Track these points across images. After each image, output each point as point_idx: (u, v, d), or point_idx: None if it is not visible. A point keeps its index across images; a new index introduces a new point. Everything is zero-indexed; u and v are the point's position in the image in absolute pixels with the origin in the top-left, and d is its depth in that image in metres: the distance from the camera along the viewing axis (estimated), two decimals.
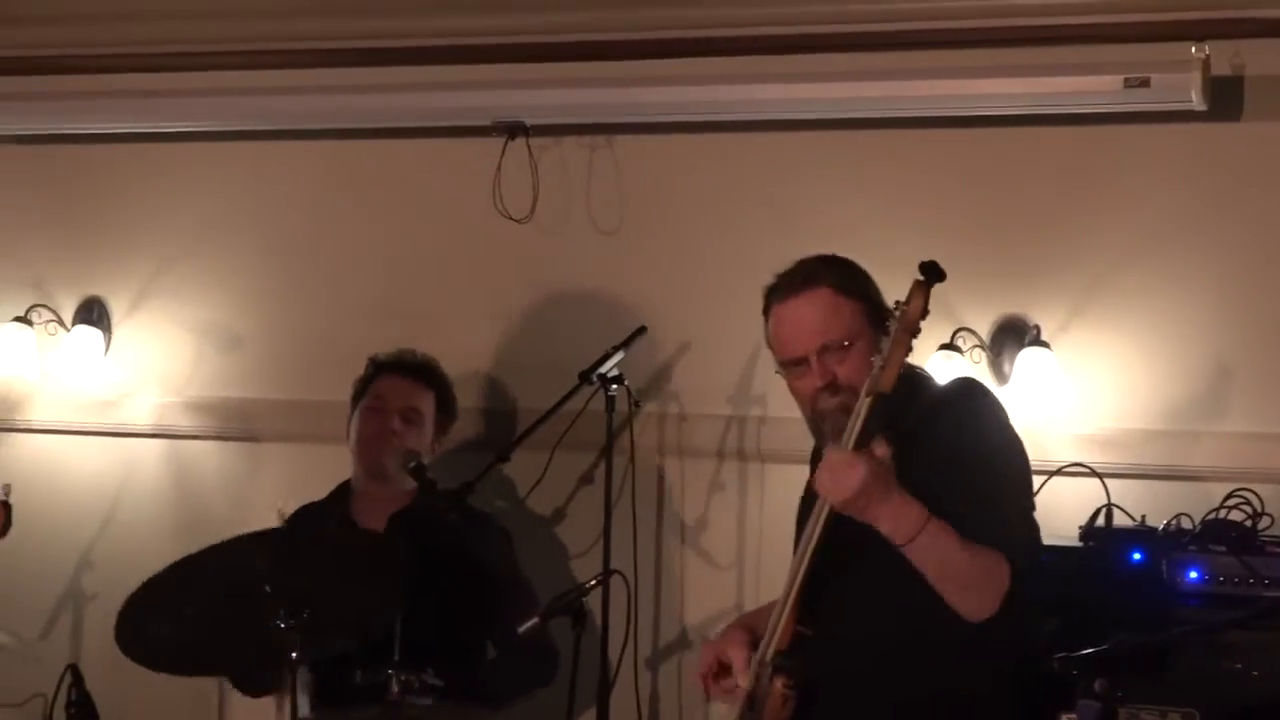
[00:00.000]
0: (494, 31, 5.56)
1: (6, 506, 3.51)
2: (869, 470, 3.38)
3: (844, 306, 3.65)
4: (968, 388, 3.80)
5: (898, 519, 3.40)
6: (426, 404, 5.10)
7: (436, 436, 5.14)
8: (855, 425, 3.43)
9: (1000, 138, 5.27)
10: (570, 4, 5.47)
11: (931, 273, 3.42)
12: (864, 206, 5.22)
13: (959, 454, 3.53)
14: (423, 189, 5.75)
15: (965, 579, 3.43)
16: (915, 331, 3.40)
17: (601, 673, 4.88)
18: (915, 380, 3.70)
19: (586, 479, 5.51)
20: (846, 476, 3.39)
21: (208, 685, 5.72)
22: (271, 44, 5.76)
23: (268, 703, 5.06)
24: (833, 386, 3.60)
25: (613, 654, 4.94)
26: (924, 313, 3.41)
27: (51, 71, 5.96)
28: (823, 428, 3.66)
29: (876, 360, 3.43)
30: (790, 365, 3.70)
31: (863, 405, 3.42)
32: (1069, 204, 5.21)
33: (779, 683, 3.52)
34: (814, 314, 3.65)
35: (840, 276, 3.69)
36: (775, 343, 3.77)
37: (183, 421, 5.96)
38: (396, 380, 5.11)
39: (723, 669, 3.74)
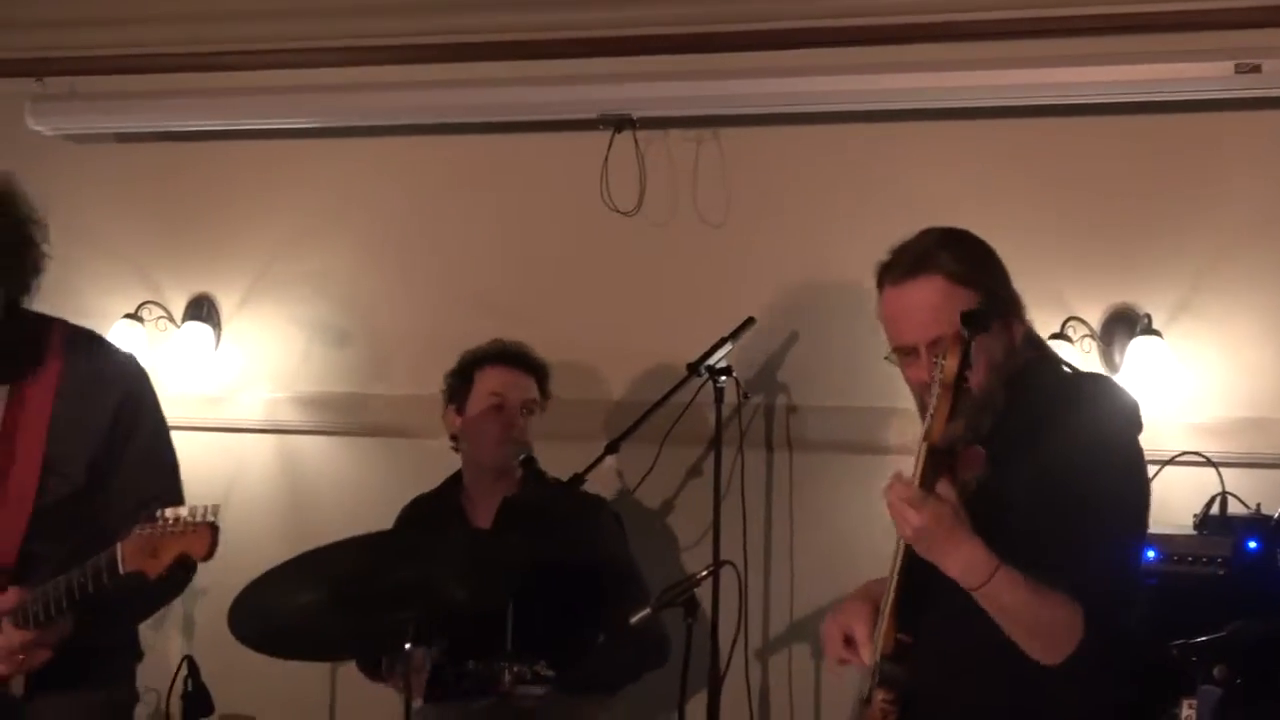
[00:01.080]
0: (601, 25, 5.60)
1: (213, 529, 3.55)
2: (929, 519, 3.28)
3: (957, 296, 3.46)
4: (1094, 392, 3.61)
5: (963, 566, 3.31)
6: (536, 392, 5.14)
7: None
8: (916, 470, 3.33)
9: (1108, 126, 5.28)
10: None
11: (972, 323, 3.31)
12: (970, 196, 5.23)
13: (1064, 477, 3.37)
14: (530, 183, 5.81)
15: (1033, 628, 3.33)
16: (956, 386, 3.29)
17: (712, 664, 4.89)
18: (1037, 370, 3.59)
19: (695, 471, 5.55)
20: (905, 519, 3.31)
21: (318, 675, 5.80)
22: (379, 40, 5.84)
23: (376, 692, 5.14)
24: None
25: (723, 645, 4.97)
26: (964, 366, 3.27)
27: (159, 70, 6.06)
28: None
29: (930, 403, 3.32)
30: (901, 352, 3.59)
31: (920, 451, 3.33)
32: (1178, 191, 5.21)
33: (880, 695, 3.51)
34: (926, 304, 3.49)
35: (957, 261, 3.51)
36: (886, 324, 3.63)
37: (291, 416, 6.05)
38: (508, 374, 5.11)
39: (849, 641, 3.70)
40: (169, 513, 3.58)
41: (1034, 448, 3.41)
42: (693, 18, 5.54)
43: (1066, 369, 3.75)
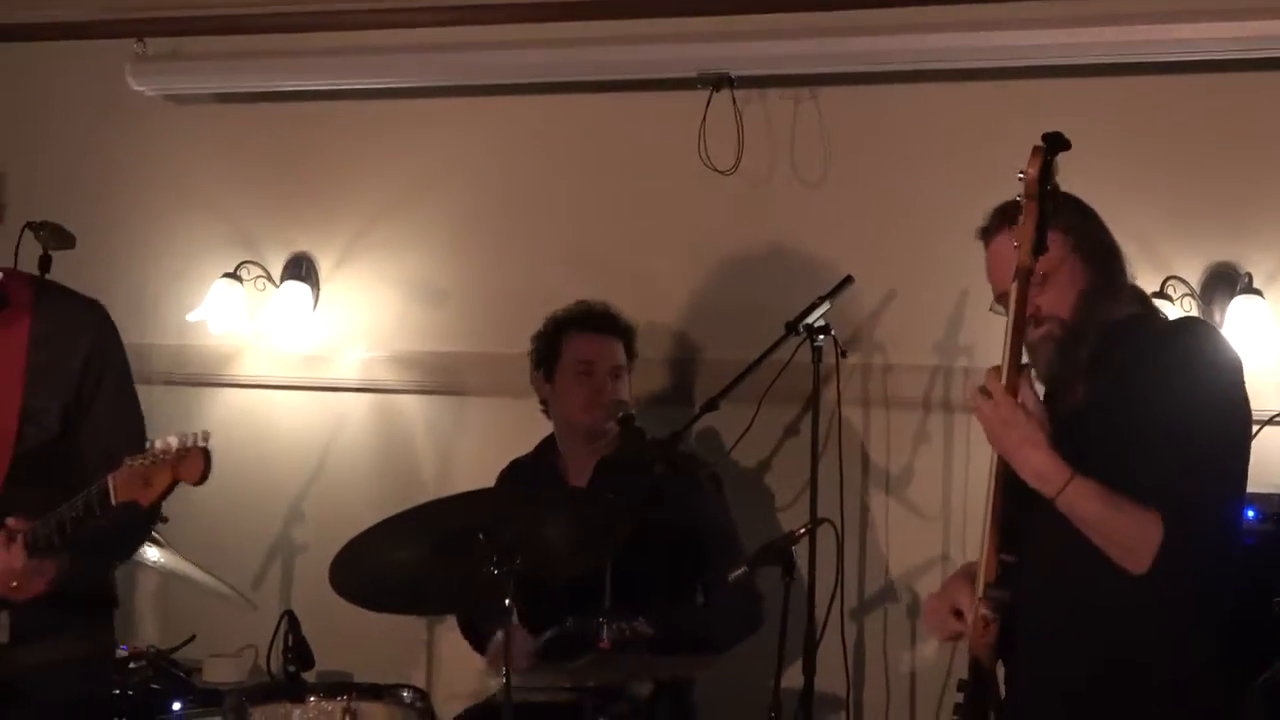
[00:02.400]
0: None
1: (205, 453, 3.65)
2: (1005, 416, 3.44)
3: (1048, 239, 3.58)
4: (1187, 327, 3.82)
5: (1036, 470, 3.44)
6: (623, 356, 5.19)
7: (629, 378, 5.23)
8: (1008, 326, 3.47)
9: (1208, 84, 5.29)
10: None
11: (1053, 141, 3.48)
12: (1071, 155, 5.18)
13: (1152, 397, 3.50)
14: (627, 142, 5.86)
15: (1111, 537, 3.43)
16: (1036, 196, 3.45)
17: (808, 623, 4.94)
18: (1140, 321, 3.69)
19: (792, 430, 5.59)
20: (982, 411, 3.47)
21: (417, 631, 5.91)
22: (477, 0, 5.88)
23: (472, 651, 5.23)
24: (1035, 318, 3.59)
25: (819, 604, 5.01)
26: (1043, 177, 3.45)
27: (259, 30, 6.13)
28: (1034, 360, 3.66)
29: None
30: (1001, 301, 3.70)
31: (1011, 290, 3.47)
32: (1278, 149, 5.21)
33: (981, 608, 3.58)
34: (1012, 249, 3.59)
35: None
36: (988, 276, 3.80)
37: (389, 375, 6.13)
38: (595, 340, 5.18)
39: (955, 616, 3.76)
40: (159, 443, 3.69)
41: (1127, 379, 3.54)
42: None
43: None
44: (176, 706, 5.42)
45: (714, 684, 5.08)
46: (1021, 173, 3.46)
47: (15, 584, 3.81)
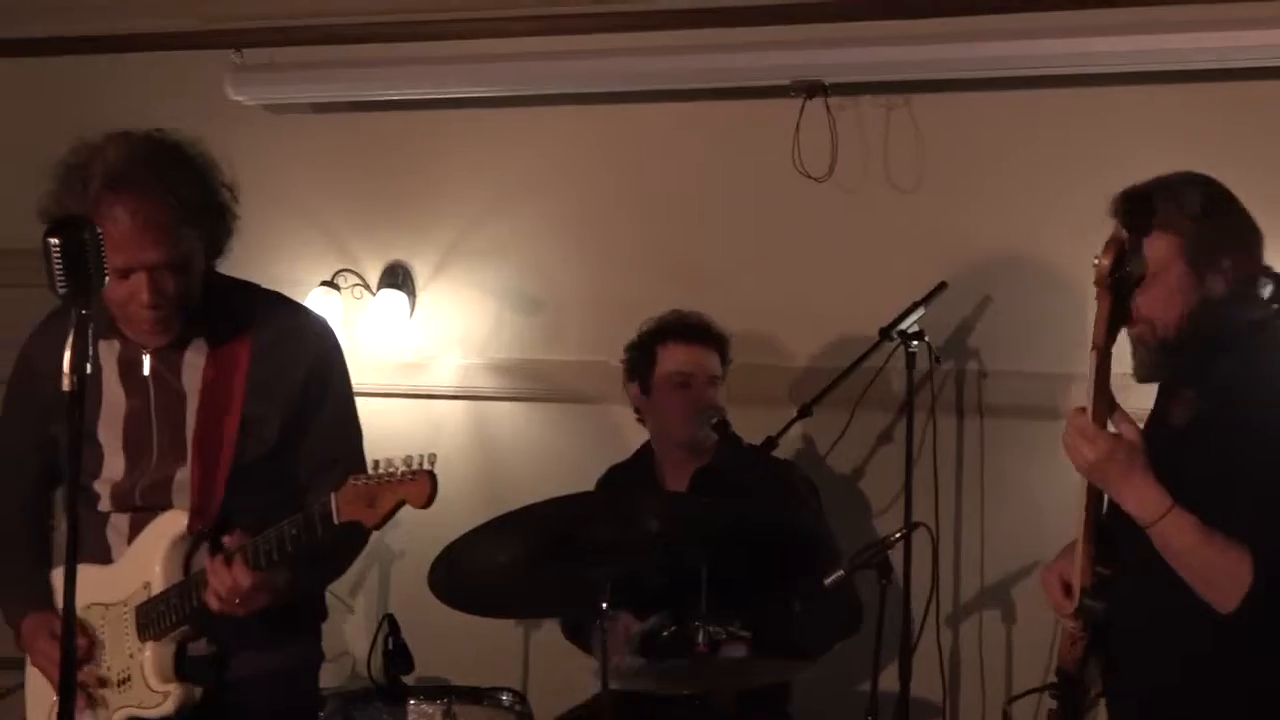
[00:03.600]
0: None
1: (432, 476, 3.68)
2: (1102, 453, 3.39)
3: (1154, 240, 3.50)
4: None
5: (1136, 502, 3.40)
6: (716, 364, 5.25)
7: (724, 385, 5.28)
8: (1090, 385, 3.39)
9: None
10: None
11: (1133, 214, 3.39)
12: (1173, 163, 5.23)
13: (1256, 424, 3.42)
14: (721, 150, 5.93)
15: (1201, 574, 3.39)
16: (1109, 287, 3.31)
17: (905, 626, 5.02)
18: (1261, 327, 3.59)
19: (886, 437, 5.66)
20: (1079, 451, 3.42)
21: (513, 634, 6.00)
22: (572, 8, 5.98)
23: (569, 656, 5.30)
24: (1133, 317, 3.47)
25: (916, 608, 5.06)
26: (1116, 267, 3.30)
27: (356, 40, 6.24)
28: (1133, 360, 3.63)
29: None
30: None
31: (1090, 363, 3.39)
32: None
33: (1069, 623, 3.59)
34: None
35: (1164, 210, 3.55)
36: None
37: (484, 383, 6.22)
38: (691, 351, 5.23)
39: (1066, 589, 3.76)
40: (384, 463, 3.72)
41: (1238, 400, 3.47)
42: None
43: None
44: None
45: (809, 689, 5.15)
46: (1096, 259, 3.33)
47: (238, 601, 3.83)
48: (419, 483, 3.70)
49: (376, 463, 3.74)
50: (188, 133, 4.04)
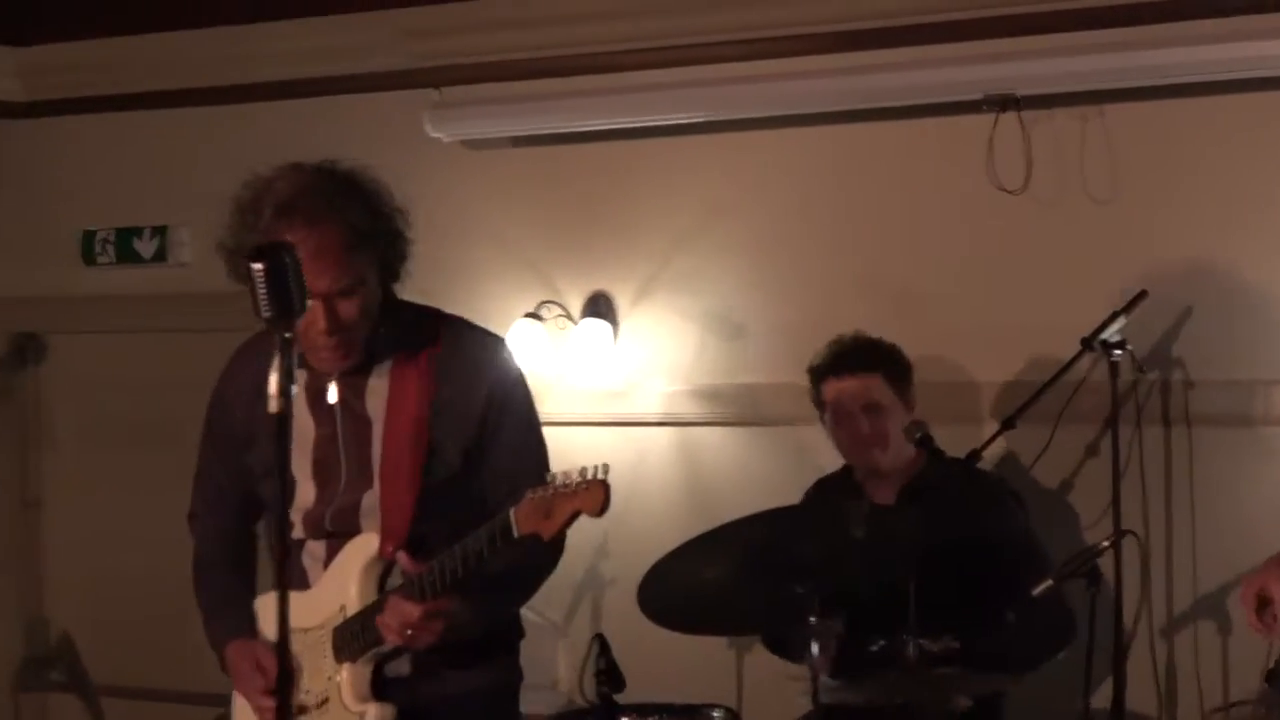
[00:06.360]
0: (982, 4, 5.77)
1: (605, 485, 3.81)
2: None
3: None
4: None
5: None
6: (878, 389, 5.37)
7: (906, 401, 5.40)
8: None
9: None
10: None
11: None
12: None
13: None
14: (915, 167, 6.03)
15: None
16: None
17: (1117, 636, 5.09)
18: None
19: (1092, 449, 5.71)
20: None
21: (724, 653, 6.14)
22: (763, 32, 6.10)
23: (780, 672, 5.43)
24: None
25: (1127, 618, 5.13)
26: None
27: (552, 74, 6.42)
28: None
29: None
30: None
31: None
32: None
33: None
34: None
35: None
36: None
37: (689, 409, 6.37)
38: (843, 384, 5.40)
39: (1262, 602, 3.79)
40: (560, 475, 3.79)
41: None
42: None
43: None
44: None
45: (1023, 700, 5.23)
46: None
47: (410, 633, 3.95)
48: (592, 491, 3.74)
49: (553, 475, 3.80)
50: (364, 163, 4.19)
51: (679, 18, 6.20)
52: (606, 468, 3.76)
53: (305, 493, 4.21)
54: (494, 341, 4.35)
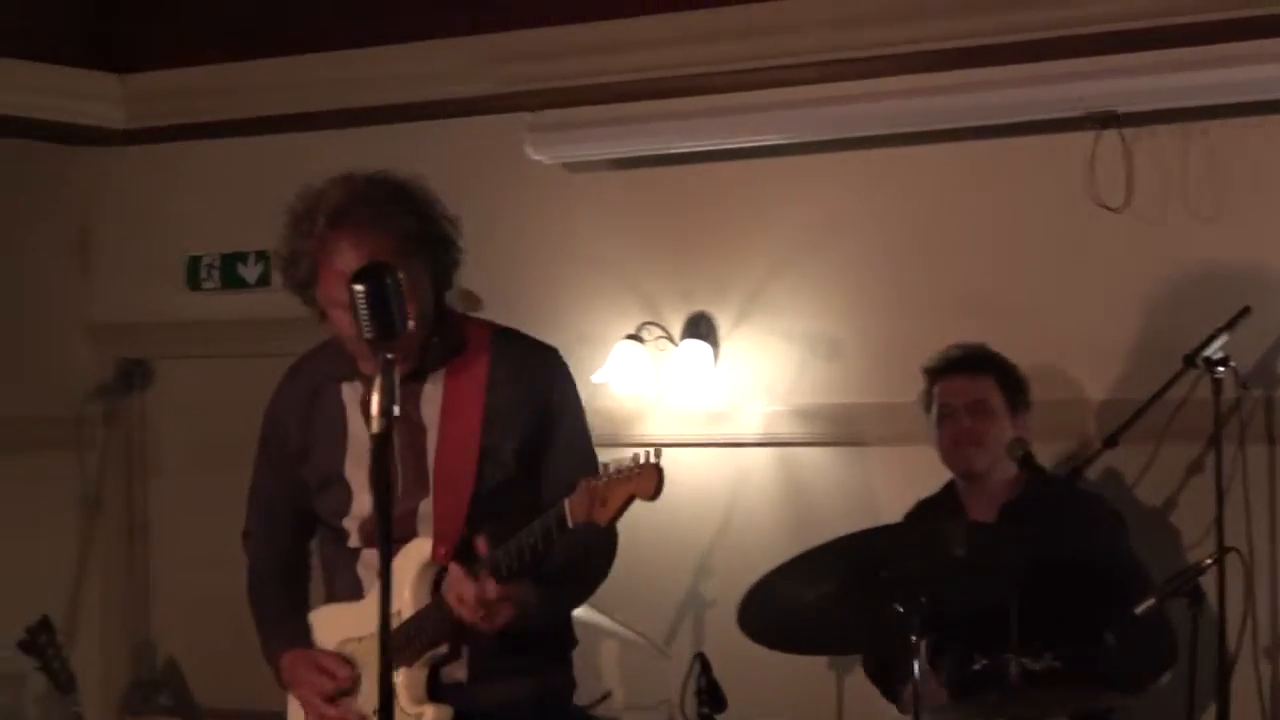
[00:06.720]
0: (1083, 21, 5.77)
1: (659, 469, 3.87)
2: None
3: None
4: None
5: None
6: (987, 390, 5.40)
7: (1015, 414, 5.40)
8: None
9: None
10: None
11: None
12: None
13: None
14: (1015, 185, 6.05)
15: None
16: None
17: (1219, 657, 5.08)
18: None
19: (1195, 467, 5.69)
20: None
21: (825, 676, 6.15)
22: (859, 52, 6.12)
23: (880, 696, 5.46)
24: None
25: (1230, 638, 5.12)
26: None
27: (649, 96, 6.46)
28: None
29: None
30: None
31: None
32: None
33: None
34: None
35: None
36: None
37: (790, 429, 6.40)
38: (953, 382, 5.44)
39: None
40: (611, 464, 3.89)
41: None
42: (1176, 8, 5.65)
43: None
44: None
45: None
46: None
47: (483, 614, 3.99)
48: (645, 475, 3.83)
49: (606, 465, 3.89)
50: (417, 174, 4.27)
51: (778, 38, 6.23)
52: (659, 451, 3.84)
53: (362, 502, 4.26)
54: (546, 350, 4.41)
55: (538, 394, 4.26)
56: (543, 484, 4.22)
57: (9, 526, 7.46)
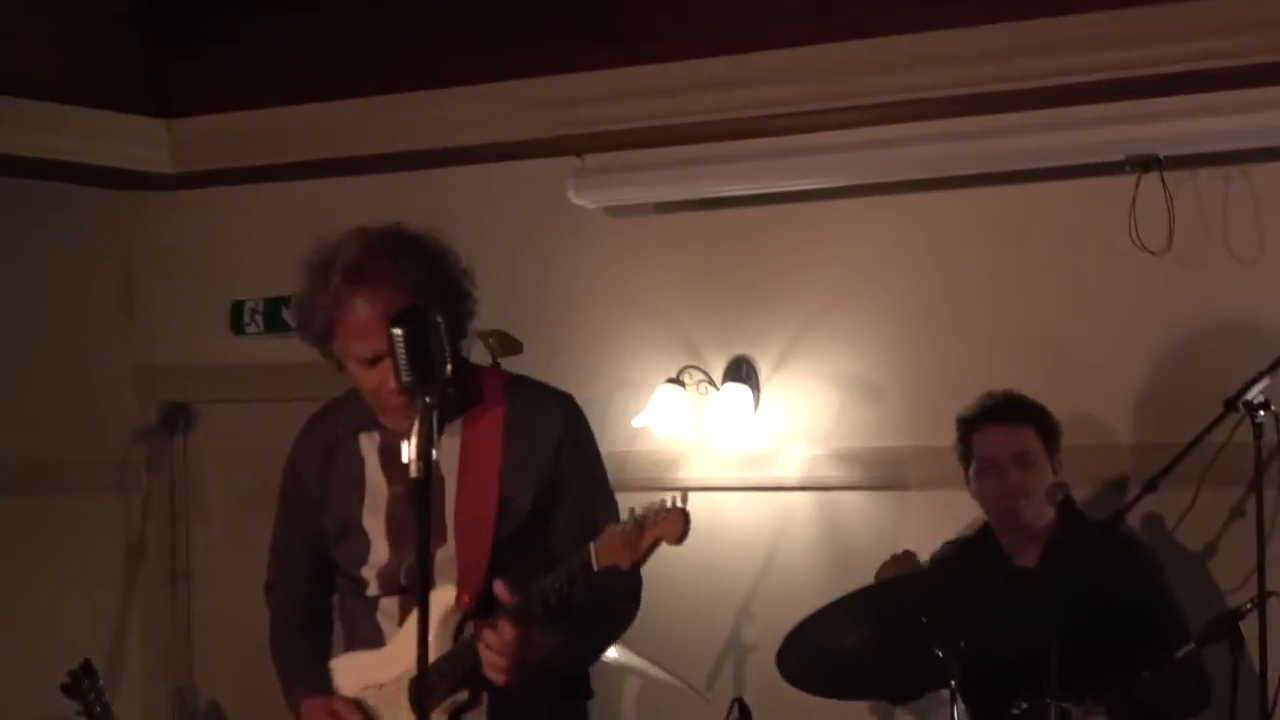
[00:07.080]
0: (1123, 65, 5.78)
1: (685, 514, 3.91)
2: None
3: None
4: None
5: None
6: (1029, 440, 5.42)
7: (1052, 459, 5.43)
8: None
9: None
10: (1195, 32, 5.62)
11: None
12: None
13: None
14: (1056, 229, 6.07)
15: None
16: None
17: (1261, 703, 5.04)
18: None
19: (1236, 512, 5.70)
20: None
21: (866, 719, 6.16)
22: (904, 95, 6.14)
23: None
24: None
25: (1271, 683, 5.11)
26: None
27: (692, 140, 6.50)
28: None
29: None
30: None
31: None
32: None
33: None
34: None
35: None
36: None
37: (831, 473, 6.42)
38: (993, 433, 5.46)
39: None
40: (638, 508, 3.93)
41: None
42: (1218, 52, 5.64)
43: None
44: None
45: None
46: None
47: (507, 662, 4.04)
48: (672, 520, 3.88)
49: (633, 509, 3.94)
50: (434, 227, 4.36)
51: (819, 82, 6.25)
52: (685, 495, 3.89)
53: (379, 551, 4.35)
54: (562, 398, 4.47)
55: (554, 440, 4.32)
56: (555, 531, 4.29)
57: (52, 569, 7.53)
